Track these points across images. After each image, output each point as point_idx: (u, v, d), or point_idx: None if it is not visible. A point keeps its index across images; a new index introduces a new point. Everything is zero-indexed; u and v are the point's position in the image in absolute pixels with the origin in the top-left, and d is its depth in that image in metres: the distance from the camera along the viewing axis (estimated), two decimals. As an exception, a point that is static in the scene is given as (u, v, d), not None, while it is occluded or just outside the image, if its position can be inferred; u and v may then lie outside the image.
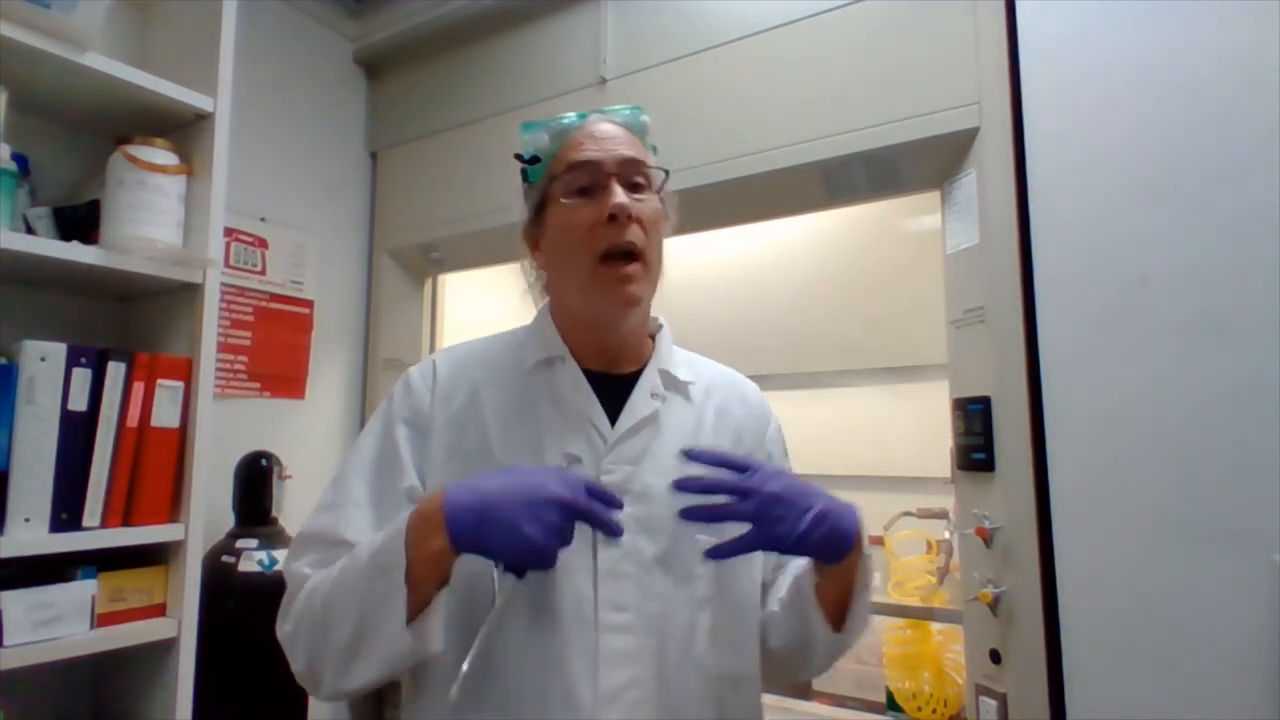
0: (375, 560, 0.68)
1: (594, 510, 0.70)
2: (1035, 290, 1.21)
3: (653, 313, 0.92)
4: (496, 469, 0.77)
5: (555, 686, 0.73)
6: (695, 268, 2.10)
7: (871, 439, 1.85)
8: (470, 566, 0.71)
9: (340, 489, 0.82)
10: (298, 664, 0.76)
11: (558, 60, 1.85)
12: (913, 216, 1.84)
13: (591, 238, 0.80)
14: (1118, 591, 1.10)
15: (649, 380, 0.86)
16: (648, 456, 0.81)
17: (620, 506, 0.73)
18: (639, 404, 0.83)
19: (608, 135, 0.84)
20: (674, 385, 0.87)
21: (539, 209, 0.87)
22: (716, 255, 2.08)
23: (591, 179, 0.81)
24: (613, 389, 0.84)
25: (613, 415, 0.82)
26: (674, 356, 0.91)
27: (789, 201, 1.62)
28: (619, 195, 0.79)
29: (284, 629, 0.77)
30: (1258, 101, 1.06)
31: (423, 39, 2.04)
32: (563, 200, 0.82)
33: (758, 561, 0.85)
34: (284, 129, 1.96)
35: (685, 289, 2.09)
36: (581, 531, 0.76)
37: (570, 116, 0.86)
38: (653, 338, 0.91)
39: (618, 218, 0.79)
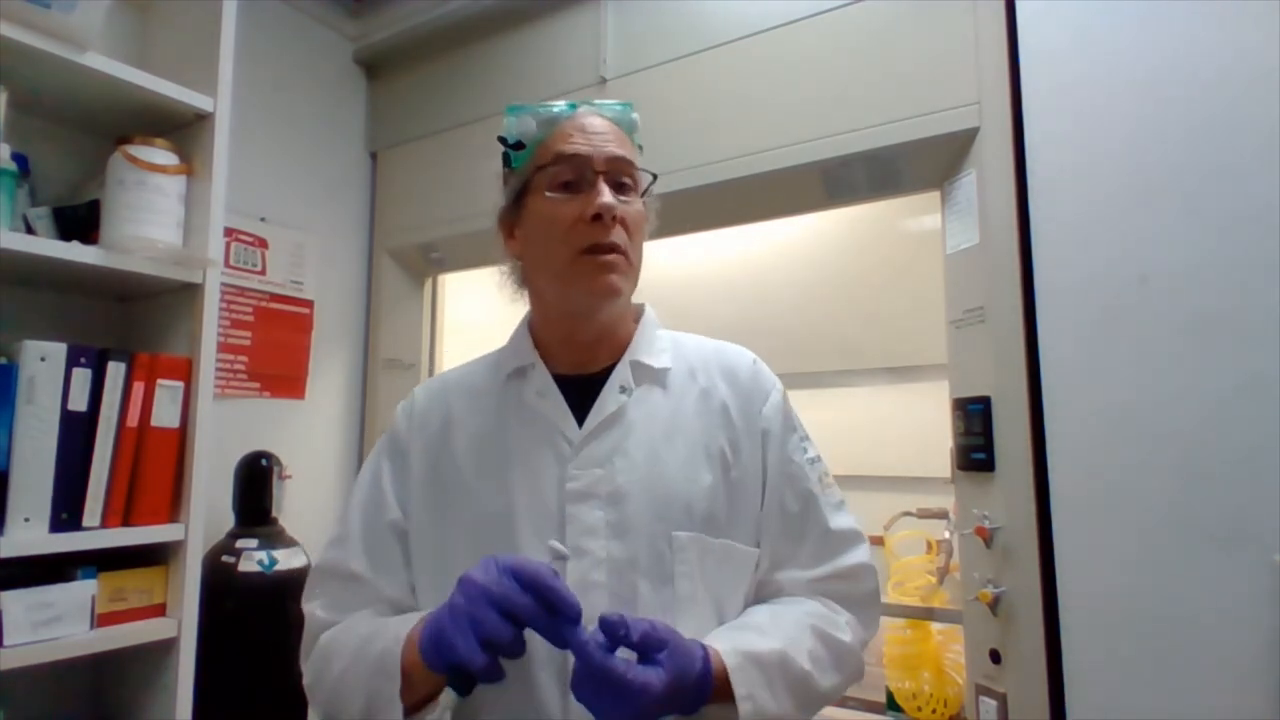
0: (380, 663, 0.70)
1: (523, 609, 0.63)
2: (1035, 290, 1.21)
3: (647, 310, 0.90)
4: (467, 492, 0.80)
5: (525, 704, 0.71)
6: (695, 268, 2.10)
7: (871, 439, 1.85)
8: None
9: (344, 524, 0.86)
10: (316, 712, 0.80)
11: (558, 60, 1.85)
12: (913, 216, 1.84)
13: (573, 234, 0.78)
14: (1118, 591, 1.10)
15: (619, 375, 0.82)
16: (619, 455, 0.78)
17: (575, 619, 0.63)
18: (606, 402, 0.81)
19: (598, 130, 0.81)
20: (648, 376, 0.84)
21: (519, 196, 0.84)
22: (716, 255, 2.08)
23: (578, 174, 0.79)
24: (586, 390, 0.82)
25: (585, 418, 0.80)
26: (655, 343, 0.87)
27: (789, 201, 1.62)
28: (605, 195, 0.77)
29: (305, 675, 0.81)
30: (1258, 101, 1.06)
31: (423, 39, 2.04)
32: (546, 193, 0.80)
33: (746, 560, 0.81)
34: (284, 129, 1.96)
35: (685, 289, 2.09)
36: (543, 539, 0.74)
37: (560, 105, 0.84)
38: (637, 322, 0.89)
39: (602, 218, 0.77)
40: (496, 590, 0.63)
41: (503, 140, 0.85)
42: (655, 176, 0.85)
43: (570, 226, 0.78)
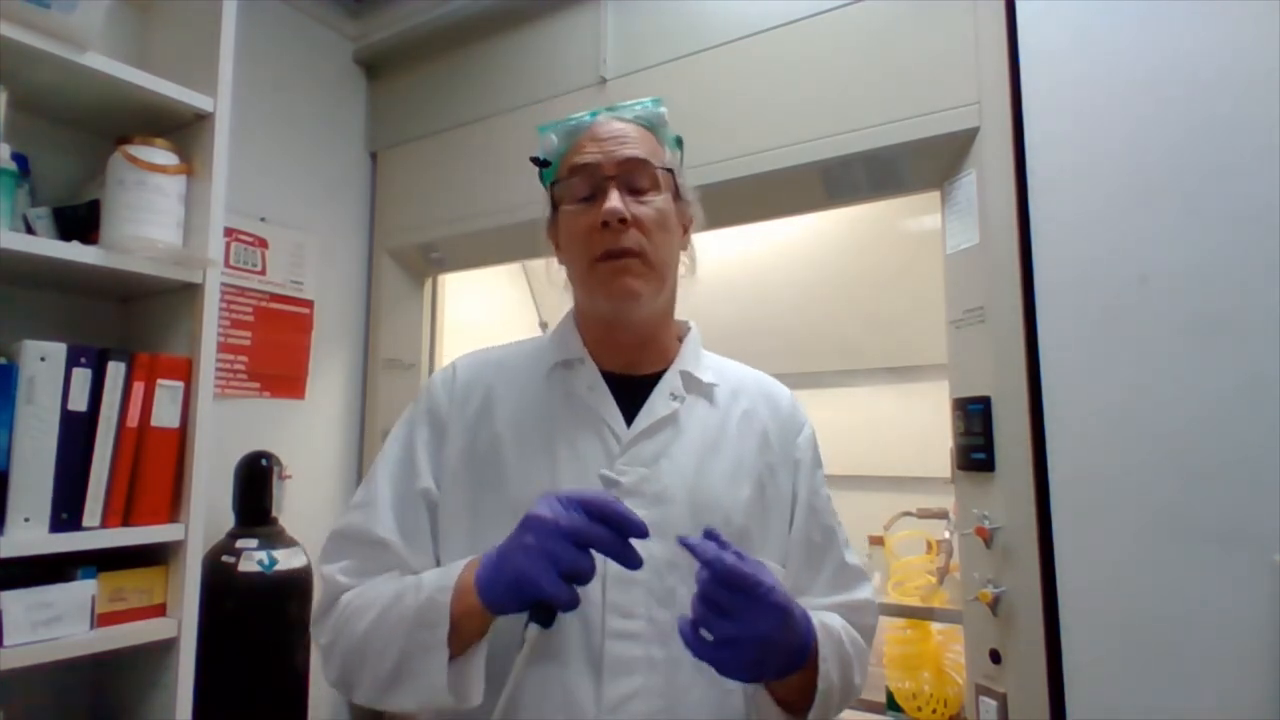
0: (422, 615, 0.69)
1: (599, 538, 0.65)
2: (1035, 290, 1.21)
3: (693, 329, 0.93)
4: (507, 472, 0.80)
5: (555, 692, 0.71)
6: (695, 267, 2.09)
7: (871, 439, 1.85)
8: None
9: (369, 488, 0.84)
10: (331, 674, 0.78)
11: (558, 60, 1.85)
12: (913, 216, 1.84)
13: (589, 243, 0.80)
14: (1118, 591, 1.10)
15: (669, 381, 0.85)
16: (665, 458, 0.80)
17: (643, 534, 0.66)
18: (657, 405, 0.82)
19: (613, 135, 0.83)
20: (696, 387, 0.86)
21: (554, 209, 0.87)
22: (716, 255, 2.08)
23: (591, 183, 0.81)
24: (633, 391, 0.83)
25: (631, 418, 0.82)
26: (700, 360, 0.89)
27: (789, 201, 1.62)
28: (613, 200, 0.79)
29: (319, 636, 0.80)
30: (1258, 101, 1.06)
31: (423, 39, 2.04)
32: (566, 206, 0.83)
33: (780, 576, 0.82)
34: (284, 129, 1.96)
35: (685, 289, 2.08)
36: None
37: (582, 116, 0.86)
38: (681, 340, 0.91)
39: (609, 224, 0.78)
40: (568, 524, 0.64)
41: (535, 160, 0.88)
42: (672, 172, 0.86)
43: (585, 235, 0.80)
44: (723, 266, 2.09)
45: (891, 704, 1.54)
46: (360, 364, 2.13)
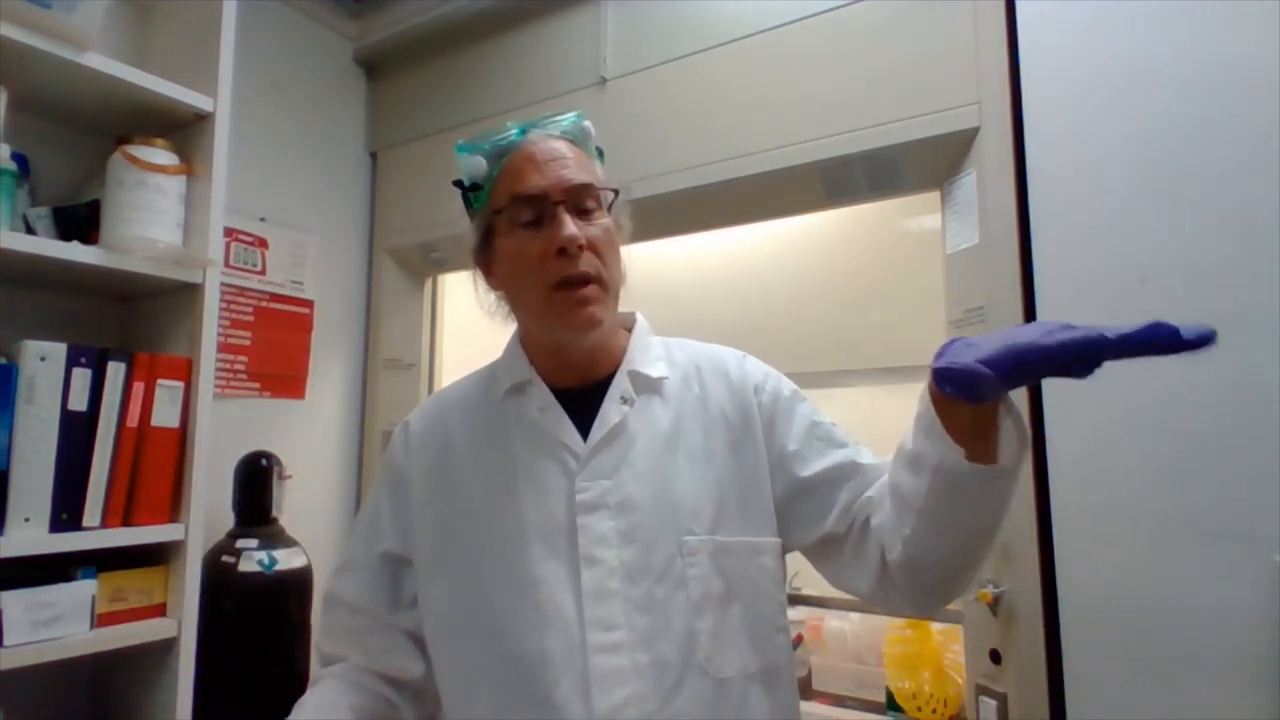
0: None
1: None
2: (1035, 290, 1.21)
3: (632, 309, 0.90)
4: (474, 508, 0.81)
5: (546, 713, 0.71)
6: (694, 267, 2.10)
7: (872, 439, 1.84)
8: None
9: (347, 550, 0.92)
10: None
11: (557, 60, 1.85)
12: (913, 216, 1.84)
13: (543, 270, 0.78)
14: (1118, 591, 1.10)
15: (618, 387, 0.83)
16: (625, 466, 0.79)
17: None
18: (609, 414, 0.81)
19: (552, 156, 0.80)
20: (647, 385, 0.84)
21: (486, 236, 0.85)
22: (715, 255, 2.07)
23: (537, 210, 0.79)
24: (585, 402, 0.83)
25: (587, 430, 0.81)
26: (649, 351, 0.87)
27: (789, 202, 1.62)
28: (568, 227, 0.77)
29: None
30: (1259, 102, 1.05)
31: (423, 39, 2.04)
32: (509, 234, 0.80)
33: (770, 549, 0.82)
34: (284, 129, 1.96)
35: (684, 289, 2.08)
36: (555, 551, 0.76)
37: (509, 134, 0.83)
38: (629, 331, 0.89)
39: (568, 250, 0.76)
40: None
41: (459, 184, 0.86)
42: (616, 193, 0.84)
43: (538, 262, 0.78)
44: (722, 266, 2.08)
45: (891, 704, 1.54)
46: (360, 364, 2.13)
